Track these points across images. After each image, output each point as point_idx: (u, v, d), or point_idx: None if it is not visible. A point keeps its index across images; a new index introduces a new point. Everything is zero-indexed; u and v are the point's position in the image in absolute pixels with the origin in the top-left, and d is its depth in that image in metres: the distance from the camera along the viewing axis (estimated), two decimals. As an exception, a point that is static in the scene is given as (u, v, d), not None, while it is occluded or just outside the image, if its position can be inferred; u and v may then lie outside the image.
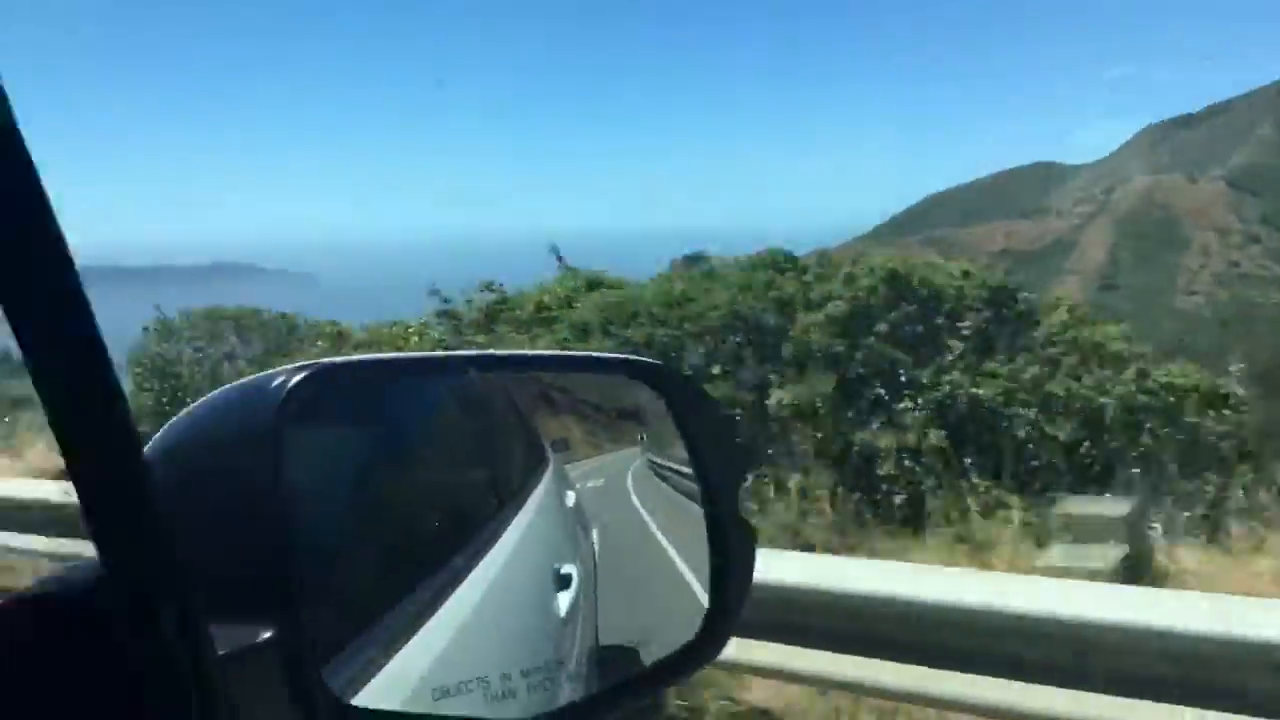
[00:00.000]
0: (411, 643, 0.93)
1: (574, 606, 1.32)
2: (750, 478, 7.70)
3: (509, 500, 1.36)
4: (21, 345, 0.52)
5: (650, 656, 1.21)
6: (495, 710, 0.96)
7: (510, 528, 1.30)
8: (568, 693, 1.12)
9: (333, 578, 0.88)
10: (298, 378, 0.78)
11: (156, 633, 0.56)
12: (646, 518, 1.53)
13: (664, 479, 1.43)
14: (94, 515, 0.55)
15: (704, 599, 1.17)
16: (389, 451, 1.10)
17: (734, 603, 1.13)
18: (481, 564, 1.16)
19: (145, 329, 14.07)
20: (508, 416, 1.46)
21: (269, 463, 0.73)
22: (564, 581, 1.34)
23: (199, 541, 0.60)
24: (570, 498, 1.53)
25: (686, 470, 1.25)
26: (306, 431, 0.79)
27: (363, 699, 0.79)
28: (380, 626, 0.91)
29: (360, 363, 1.62)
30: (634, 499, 1.56)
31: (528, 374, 1.43)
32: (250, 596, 0.70)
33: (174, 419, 0.82)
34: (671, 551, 1.38)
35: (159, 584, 0.57)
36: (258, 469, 0.73)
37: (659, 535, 1.49)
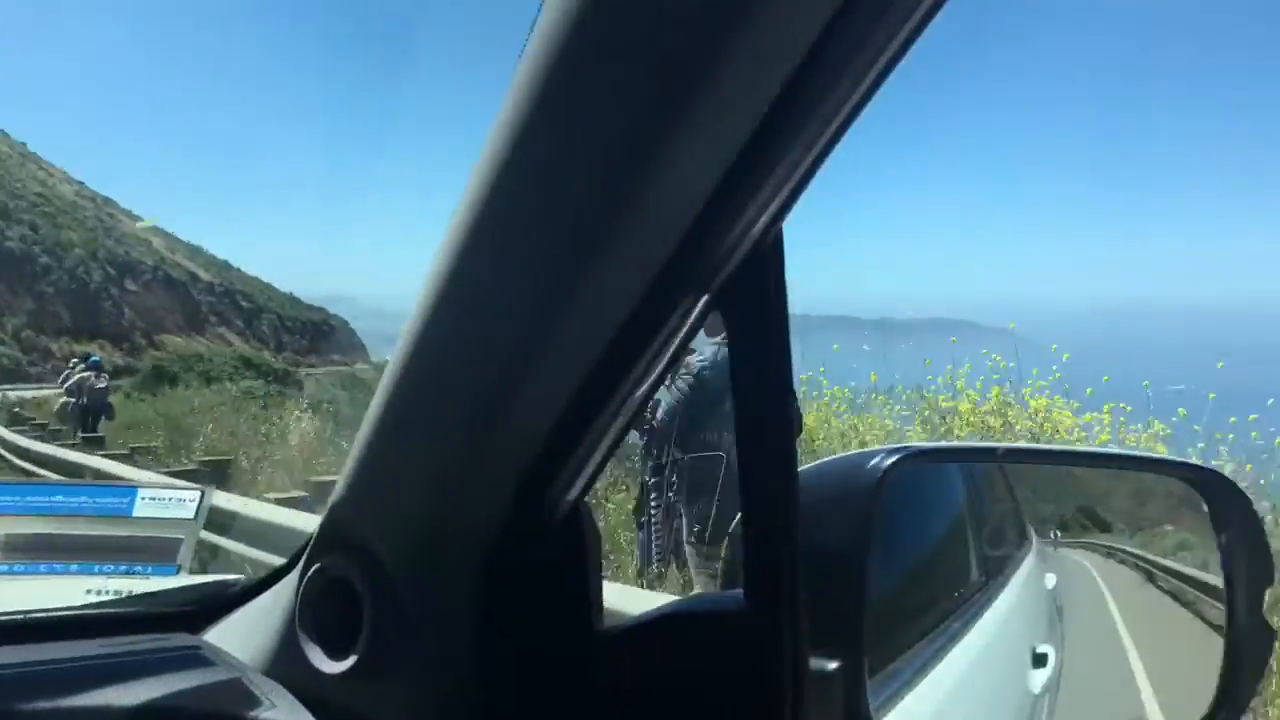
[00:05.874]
0: (915, 690, 1.08)
1: (1048, 684, 1.39)
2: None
3: (997, 575, 1.47)
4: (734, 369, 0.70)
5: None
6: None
7: (998, 600, 1.41)
8: None
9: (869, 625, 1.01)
10: (890, 460, 0.94)
11: (779, 656, 0.75)
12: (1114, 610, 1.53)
13: (1151, 578, 1.46)
14: (750, 543, 0.73)
15: (1150, 705, 1.22)
16: (916, 523, 1.25)
17: (1241, 702, 1.18)
18: (973, 630, 1.29)
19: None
20: (1004, 498, 1.56)
21: (862, 533, 0.90)
22: (1039, 660, 1.42)
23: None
24: (1050, 580, 1.59)
25: (1183, 571, 1.34)
26: (885, 506, 0.94)
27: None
28: (891, 672, 1.05)
29: (938, 450, 1.86)
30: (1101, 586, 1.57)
31: (1059, 465, 1.49)
32: (828, 635, 0.87)
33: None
34: (1132, 652, 1.42)
35: (784, 614, 0.75)
36: (851, 536, 0.90)
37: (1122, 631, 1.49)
